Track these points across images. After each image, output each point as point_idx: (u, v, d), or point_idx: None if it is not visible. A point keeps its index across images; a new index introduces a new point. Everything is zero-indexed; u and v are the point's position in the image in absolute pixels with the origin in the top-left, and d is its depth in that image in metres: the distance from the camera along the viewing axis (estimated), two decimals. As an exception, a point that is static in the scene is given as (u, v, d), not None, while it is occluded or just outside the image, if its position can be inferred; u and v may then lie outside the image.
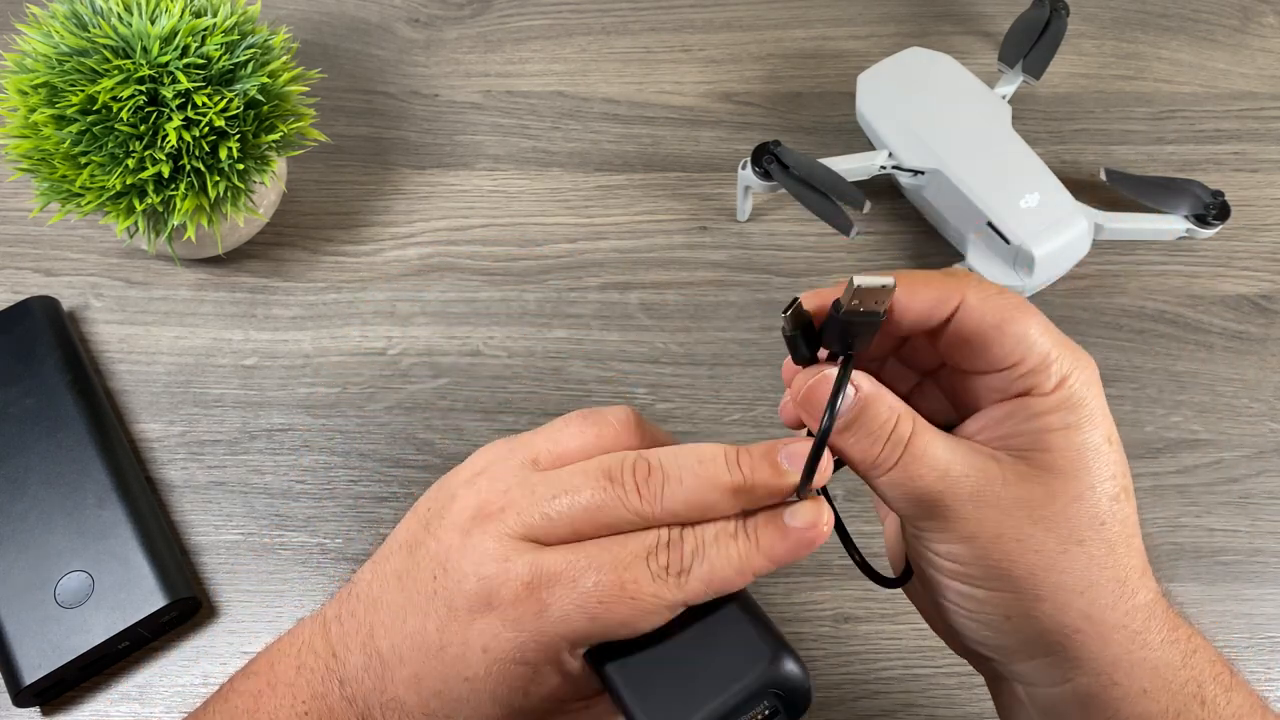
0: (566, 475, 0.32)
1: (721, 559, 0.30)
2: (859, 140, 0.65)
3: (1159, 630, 0.31)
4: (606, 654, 0.31)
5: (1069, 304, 0.59)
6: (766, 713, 0.30)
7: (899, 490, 0.31)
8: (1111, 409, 0.31)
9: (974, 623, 0.32)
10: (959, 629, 0.33)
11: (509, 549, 0.30)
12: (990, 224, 0.56)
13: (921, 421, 0.31)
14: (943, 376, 0.35)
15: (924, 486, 0.30)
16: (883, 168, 0.59)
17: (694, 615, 0.31)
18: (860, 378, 0.31)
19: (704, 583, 0.30)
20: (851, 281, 0.29)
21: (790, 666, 0.30)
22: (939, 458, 0.31)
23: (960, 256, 0.59)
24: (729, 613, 0.31)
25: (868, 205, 0.54)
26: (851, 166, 0.58)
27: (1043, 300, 0.59)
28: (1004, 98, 0.62)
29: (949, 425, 0.33)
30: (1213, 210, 0.59)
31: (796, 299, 0.32)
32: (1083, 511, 0.30)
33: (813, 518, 0.31)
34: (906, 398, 0.32)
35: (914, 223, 0.62)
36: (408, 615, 0.32)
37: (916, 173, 0.59)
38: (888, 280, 0.30)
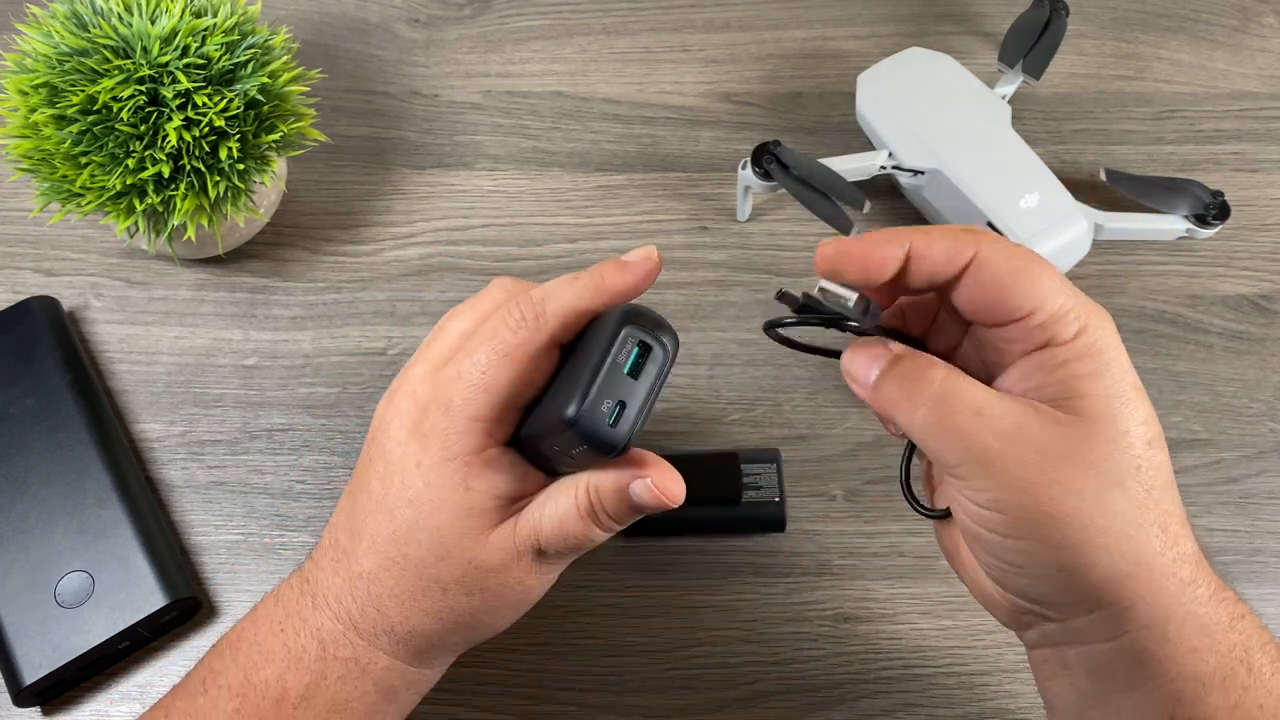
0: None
1: (569, 293, 0.35)
2: (859, 140, 0.65)
3: (1206, 584, 0.32)
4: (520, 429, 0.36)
5: (1069, 304, 0.59)
6: (636, 351, 0.32)
7: (937, 431, 0.32)
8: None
9: (1028, 580, 0.33)
10: (1015, 590, 0.34)
11: (416, 386, 0.35)
12: (990, 224, 0.56)
13: (955, 369, 0.33)
14: (969, 340, 0.36)
15: (962, 425, 0.31)
16: (883, 168, 0.59)
17: (571, 353, 0.35)
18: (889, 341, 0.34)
19: (560, 317, 0.34)
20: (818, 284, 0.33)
21: (639, 308, 0.33)
22: (975, 396, 0.32)
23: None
24: (598, 324, 0.34)
25: (868, 205, 0.54)
26: (851, 166, 0.59)
27: (1043, 300, 0.59)
28: (1004, 98, 0.62)
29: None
30: (1213, 210, 0.59)
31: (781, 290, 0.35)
32: (1119, 455, 0.31)
33: (646, 253, 0.36)
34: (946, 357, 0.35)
35: (914, 223, 0.62)
36: (356, 499, 0.37)
37: (916, 173, 0.59)
38: (851, 294, 0.33)
